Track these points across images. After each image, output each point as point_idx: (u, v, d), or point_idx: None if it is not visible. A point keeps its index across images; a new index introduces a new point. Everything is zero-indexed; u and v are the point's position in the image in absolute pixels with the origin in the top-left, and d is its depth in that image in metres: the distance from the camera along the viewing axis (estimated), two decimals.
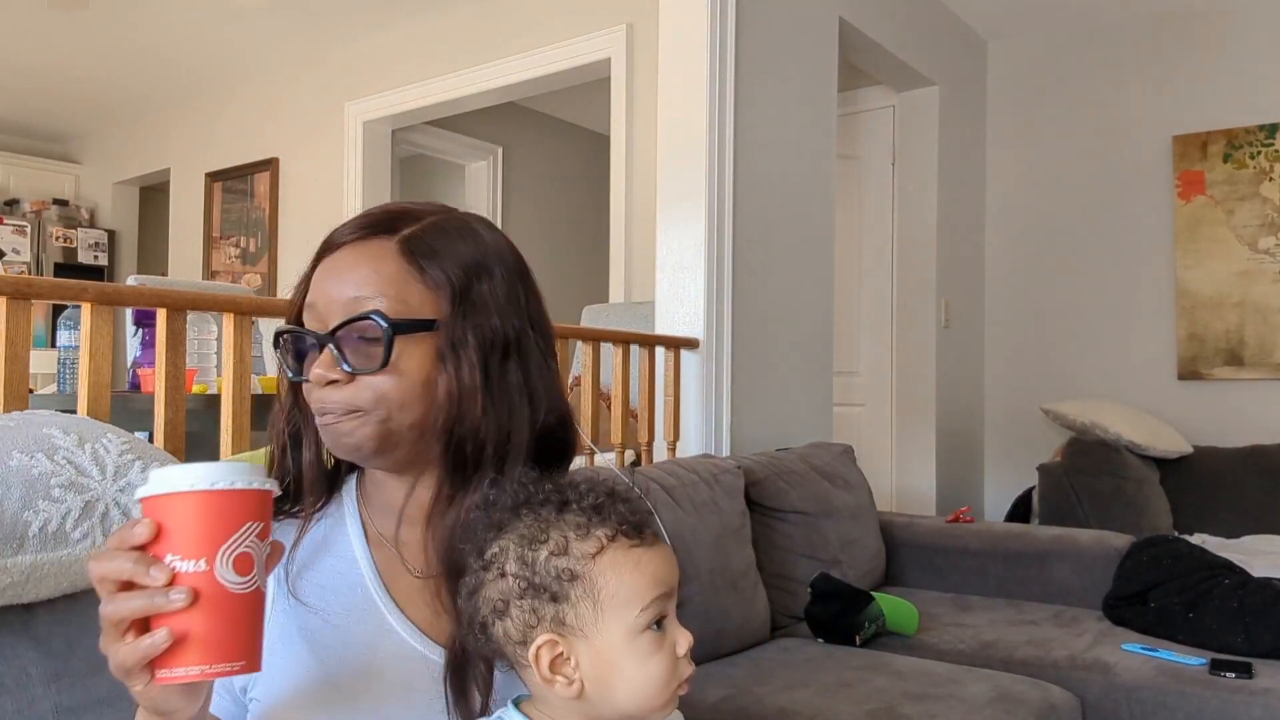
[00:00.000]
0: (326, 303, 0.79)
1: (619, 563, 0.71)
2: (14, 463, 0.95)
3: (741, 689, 1.73)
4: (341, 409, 0.78)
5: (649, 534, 0.73)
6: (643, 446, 2.56)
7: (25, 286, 1.33)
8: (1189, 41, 3.91)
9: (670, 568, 0.74)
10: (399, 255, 0.78)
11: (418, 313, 0.77)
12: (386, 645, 0.79)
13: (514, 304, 0.81)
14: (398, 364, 0.77)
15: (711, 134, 2.67)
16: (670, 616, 0.74)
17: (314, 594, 0.81)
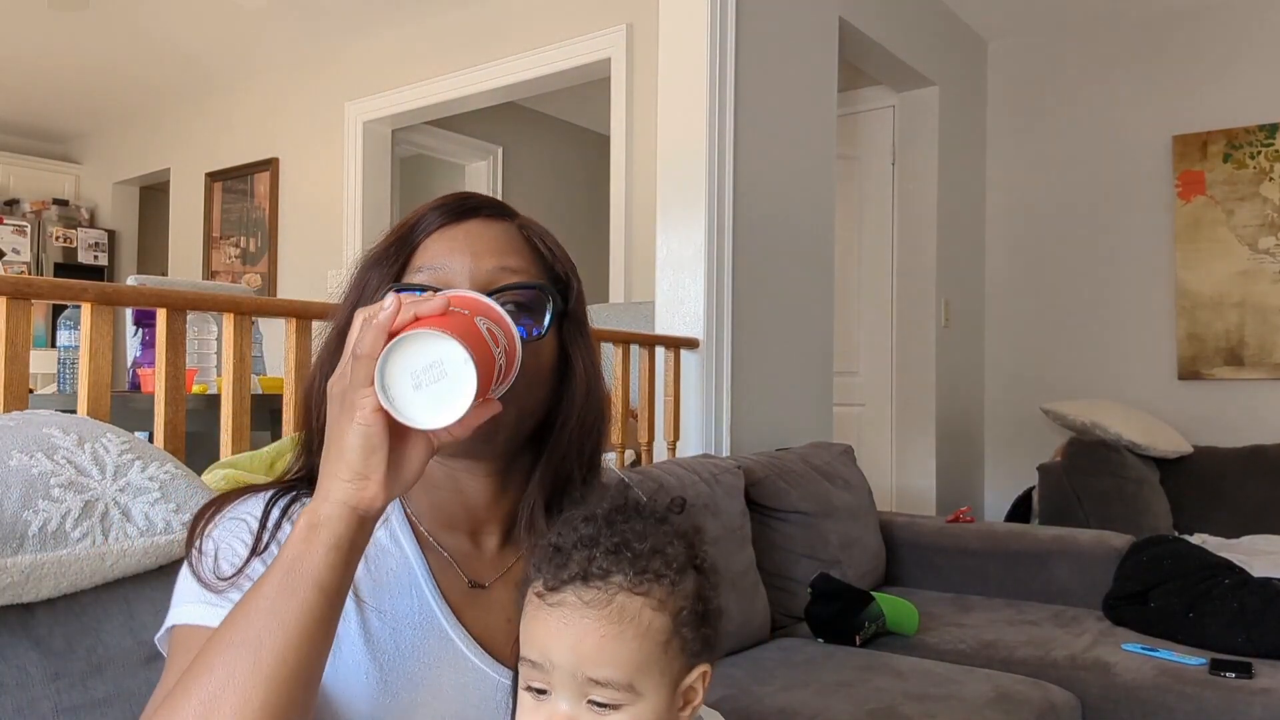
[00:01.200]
0: (463, 267, 0.77)
1: (527, 599, 0.66)
2: (14, 462, 0.95)
3: (741, 689, 1.73)
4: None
5: (607, 601, 0.62)
6: (643, 446, 2.56)
7: (25, 286, 1.33)
8: (1189, 41, 3.91)
9: (558, 642, 0.62)
10: (525, 239, 0.81)
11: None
12: (444, 655, 0.75)
13: (578, 289, 0.84)
14: (541, 341, 0.77)
15: (711, 134, 2.67)
16: (555, 693, 0.63)
17: (368, 590, 0.76)
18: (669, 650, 0.64)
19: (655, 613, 0.63)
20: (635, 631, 0.62)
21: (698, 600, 0.66)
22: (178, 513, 1.05)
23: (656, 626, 0.63)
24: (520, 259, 0.79)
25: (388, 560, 0.78)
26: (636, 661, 0.62)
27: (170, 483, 1.06)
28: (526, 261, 0.80)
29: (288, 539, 0.64)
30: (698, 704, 0.67)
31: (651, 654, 0.63)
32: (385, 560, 0.78)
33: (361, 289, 0.78)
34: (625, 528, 0.65)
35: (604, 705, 0.62)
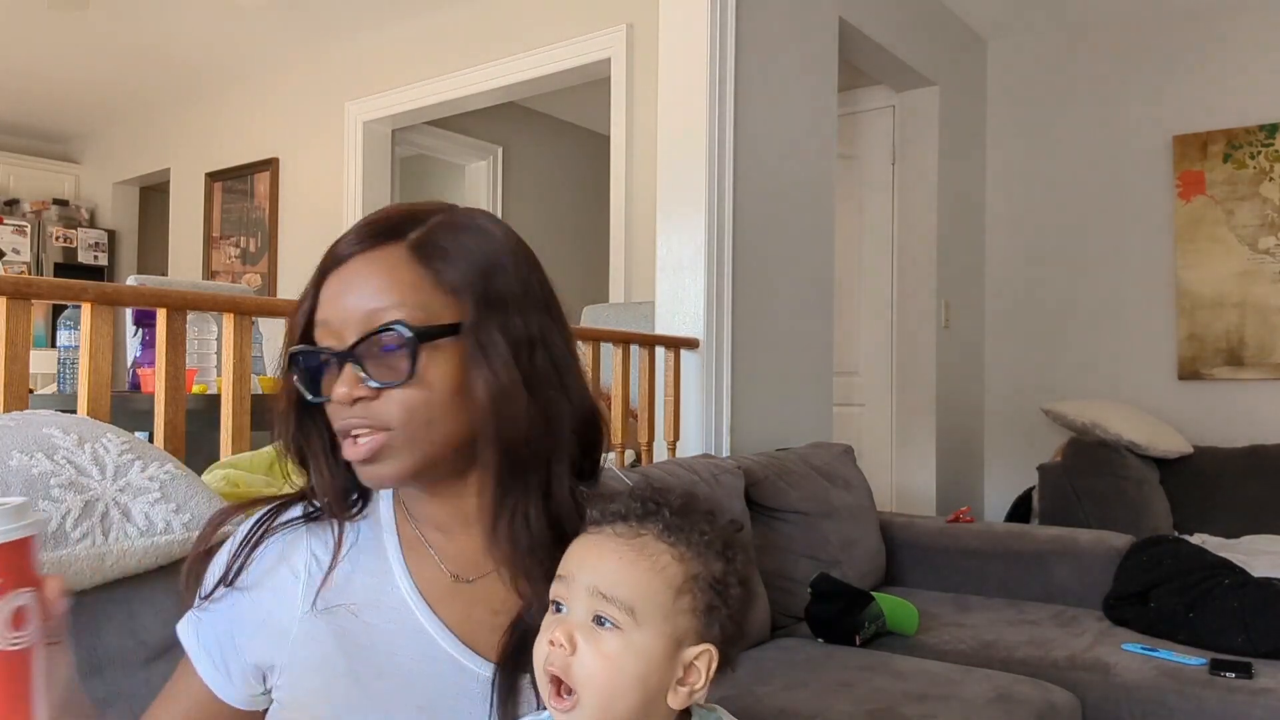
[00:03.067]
0: (342, 317, 0.75)
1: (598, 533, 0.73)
2: (14, 462, 0.95)
3: (741, 689, 1.73)
4: (372, 425, 0.74)
5: (634, 537, 0.71)
6: (643, 446, 2.56)
7: (25, 286, 1.33)
8: (1189, 41, 3.91)
9: (584, 560, 0.71)
10: (411, 260, 0.75)
11: (439, 318, 0.75)
12: (419, 649, 0.78)
13: (530, 295, 0.79)
14: (424, 375, 0.74)
15: (711, 134, 2.67)
16: (570, 610, 0.70)
17: (345, 592, 0.80)
18: (678, 600, 0.69)
19: (674, 561, 0.70)
20: (650, 565, 0.69)
21: (719, 580, 0.71)
22: (178, 513, 1.05)
23: (672, 570, 0.69)
24: (394, 293, 0.74)
25: (364, 558, 0.81)
26: (644, 590, 0.68)
27: (170, 483, 1.06)
28: (407, 291, 0.74)
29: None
30: (698, 687, 0.70)
31: (660, 591, 0.69)
32: (361, 558, 0.81)
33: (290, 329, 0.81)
34: (675, 504, 0.73)
35: (606, 624, 0.68)
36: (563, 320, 0.82)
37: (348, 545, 0.81)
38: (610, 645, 0.67)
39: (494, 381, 0.74)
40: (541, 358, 0.78)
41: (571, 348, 0.82)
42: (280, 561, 0.80)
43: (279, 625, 0.79)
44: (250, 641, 0.79)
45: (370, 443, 0.74)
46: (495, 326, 0.75)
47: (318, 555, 0.80)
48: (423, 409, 0.74)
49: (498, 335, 0.75)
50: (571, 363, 0.81)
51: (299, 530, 0.82)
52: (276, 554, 0.81)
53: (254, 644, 0.79)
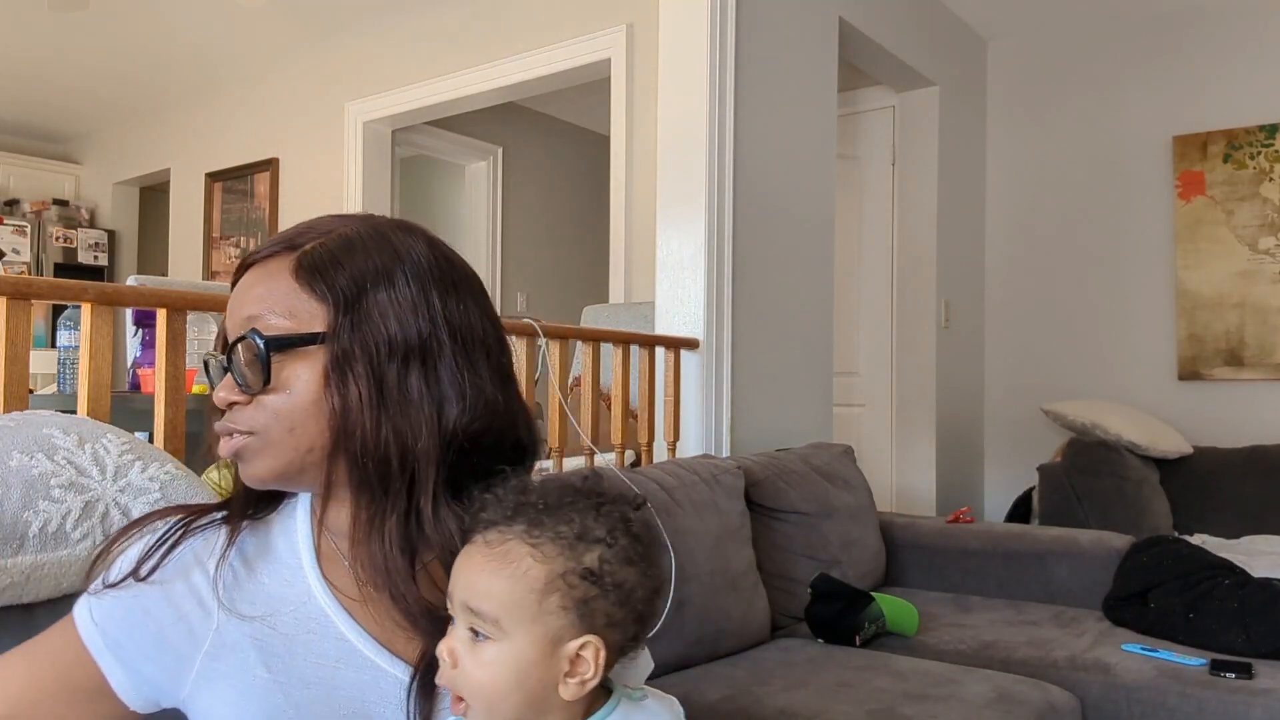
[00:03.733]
0: (230, 325, 0.79)
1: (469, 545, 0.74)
2: (14, 463, 0.95)
3: (741, 689, 1.73)
4: (238, 429, 0.77)
5: (499, 543, 0.71)
6: (643, 447, 2.56)
7: (25, 287, 1.33)
8: (1189, 41, 3.91)
9: (457, 575, 0.72)
10: (292, 270, 0.77)
11: (306, 327, 0.76)
12: (341, 655, 0.78)
13: (421, 309, 0.77)
14: (288, 382, 0.76)
15: (711, 134, 2.67)
16: (455, 622, 0.72)
17: (262, 602, 0.79)
18: (545, 600, 0.70)
19: (536, 562, 0.70)
20: (511, 572, 0.70)
21: (592, 571, 0.71)
22: None
23: (533, 574, 0.70)
24: (268, 301, 0.76)
25: (280, 568, 0.81)
26: (506, 599, 0.70)
27: (170, 483, 1.06)
28: (279, 300, 0.76)
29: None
30: (589, 677, 0.71)
31: (522, 597, 0.70)
32: (278, 568, 0.81)
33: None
34: (546, 496, 0.74)
35: (480, 636, 0.70)
36: (471, 335, 0.80)
37: (265, 555, 0.81)
38: (486, 655, 0.70)
39: (342, 395, 0.75)
40: (415, 375, 0.76)
41: (477, 364, 0.79)
42: (195, 564, 0.80)
43: (191, 628, 0.77)
44: (161, 637, 0.77)
45: (234, 443, 0.78)
46: (358, 338, 0.75)
47: (234, 564, 0.80)
48: (285, 415, 0.76)
49: (358, 347, 0.75)
50: (465, 378, 0.78)
51: (217, 534, 0.81)
52: (193, 556, 0.80)
53: (166, 641, 0.77)
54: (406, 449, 0.75)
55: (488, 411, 0.79)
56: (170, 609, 0.78)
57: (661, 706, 0.77)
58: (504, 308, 5.23)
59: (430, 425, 0.76)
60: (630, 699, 0.75)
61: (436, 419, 0.76)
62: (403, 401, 0.76)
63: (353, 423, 0.75)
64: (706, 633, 1.90)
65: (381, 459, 0.75)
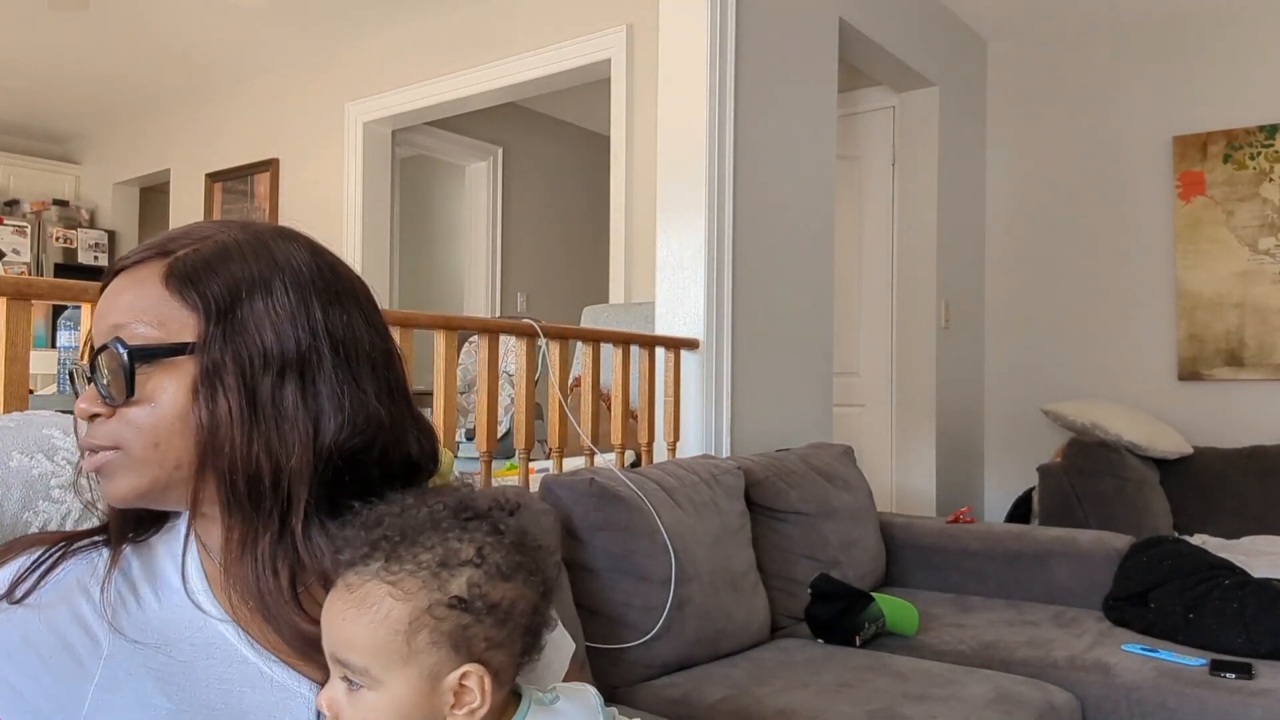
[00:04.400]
0: (96, 333, 0.75)
1: (331, 591, 0.70)
2: (14, 463, 0.95)
3: (741, 689, 1.73)
4: (100, 444, 0.73)
5: (358, 586, 0.67)
6: (643, 447, 2.56)
7: (25, 287, 1.33)
8: (1189, 41, 3.91)
9: (324, 625, 0.68)
10: (163, 277, 0.73)
11: (175, 337, 0.72)
12: (244, 678, 0.73)
13: (300, 320, 0.74)
14: (153, 395, 0.71)
15: (711, 135, 2.67)
16: (331, 672, 0.69)
17: (154, 629, 0.74)
18: (413, 640, 0.66)
19: (397, 602, 0.66)
20: (371, 618, 0.66)
21: (461, 598, 0.67)
22: None
23: (395, 615, 0.66)
24: (135, 310, 0.72)
25: (169, 593, 0.76)
26: (370, 646, 0.66)
27: None
28: (147, 309, 0.72)
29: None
30: (477, 706, 0.68)
31: (387, 641, 0.66)
32: (167, 593, 0.76)
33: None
34: (399, 520, 0.69)
35: (355, 685, 0.67)
36: (355, 346, 0.76)
37: (151, 579, 0.77)
38: (364, 703, 0.67)
39: (211, 410, 0.71)
40: (290, 388, 0.72)
41: (361, 376, 0.76)
42: (79, 590, 0.74)
43: (78, 658, 0.71)
44: (45, 664, 0.70)
45: (97, 459, 0.73)
46: (230, 349, 0.72)
47: (120, 590, 0.75)
48: (149, 430, 0.72)
49: (229, 359, 0.72)
50: (346, 392, 0.74)
51: (100, 557, 0.77)
52: (74, 580, 0.75)
53: (49, 668, 0.70)
54: (279, 467, 0.71)
55: (370, 427, 0.75)
56: (52, 636, 0.71)
57: (574, 705, 0.74)
58: (504, 308, 5.23)
59: (305, 442, 0.72)
60: (540, 702, 0.73)
61: (312, 435, 0.72)
62: (277, 417, 0.72)
63: (221, 439, 0.71)
64: (706, 633, 1.90)
65: (252, 477, 0.71)
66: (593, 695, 0.76)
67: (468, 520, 0.70)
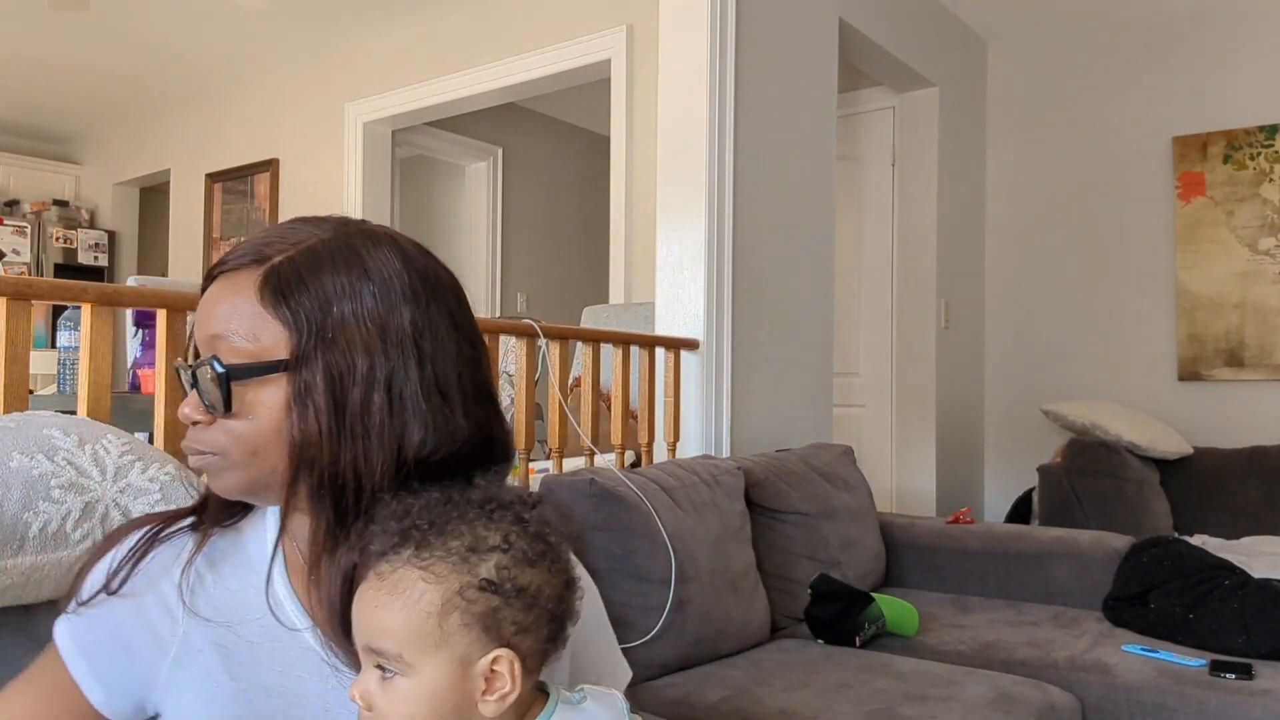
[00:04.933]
0: (198, 339, 0.78)
1: (362, 583, 0.71)
2: (14, 463, 0.95)
3: (741, 690, 1.73)
4: (202, 450, 0.77)
5: (390, 574, 0.68)
6: (643, 447, 2.56)
7: (25, 287, 1.33)
8: (1189, 41, 3.91)
9: (355, 617, 0.70)
10: (258, 289, 0.75)
11: (268, 353, 0.74)
12: (306, 667, 0.77)
13: (390, 332, 0.75)
14: (251, 408, 0.75)
15: (711, 135, 2.67)
16: (364, 665, 0.70)
17: (228, 609, 0.78)
18: (445, 623, 0.67)
19: (429, 585, 0.67)
20: (404, 603, 0.67)
21: (491, 581, 0.68)
22: None
23: (428, 598, 0.67)
24: (232, 322, 0.75)
25: (250, 575, 0.80)
26: (404, 633, 0.67)
27: (170, 484, 1.06)
28: (243, 322, 0.75)
29: None
30: (508, 691, 0.69)
31: (420, 625, 0.67)
32: (247, 575, 0.80)
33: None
34: (427, 511, 0.71)
35: (388, 673, 0.68)
36: (441, 358, 0.77)
37: (233, 562, 0.80)
38: (398, 691, 0.68)
39: (299, 427, 0.73)
40: (378, 405, 0.74)
41: (445, 387, 0.77)
42: (164, 574, 0.79)
43: (158, 636, 0.77)
44: (131, 649, 0.77)
45: (200, 461, 0.77)
46: (321, 366, 0.74)
47: (200, 570, 0.79)
48: (247, 440, 0.75)
49: (320, 377, 0.73)
50: (429, 404, 0.76)
51: (186, 541, 0.81)
52: (160, 565, 0.79)
53: (135, 652, 0.77)
54: (362, 483, 0.74)
55: (453, 439, 0.76)
56: (139, 620, 0.77)
57: (601, 707, 0.74)
58: (504, 308, 5.23)
59: (390, 457, 0.74)
60: (568, 701, 0.73)
61: (396, 451, 0.74)
62: (363, 434, 0.74)
63: (312, 451, 0.73)
64: (706, 633, 1.90)
65: (340, 487, 0.74)
66: (619, 699, 0.76)
67: (493, 511, 0.72)
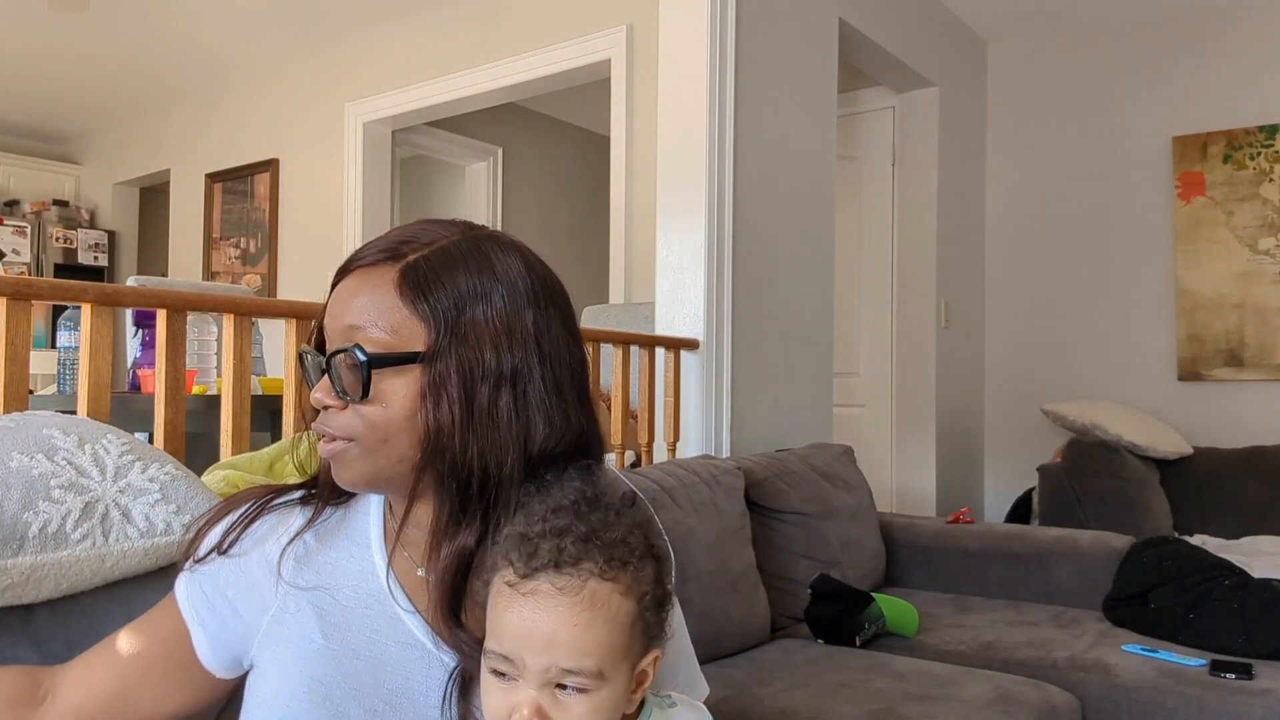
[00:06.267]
0: (332, 328, 0.82)
1: (496, 589, 0.70)
2: (14, 463, 0.95)
3: (741, 690, 1.73)
4: (335, 434, 0.80)
5: (579, 586, 0.66)
6: (643, 447, 2.56)
7: (25, 287, 1.33)
8: (1189, 41, 3.91)
9: (531, 637, 0.66)
10: (396, 284, 0.79)
11: (406, 344, 0.78)
12: (393, 634, 0.81)
13: (516, 333, 0.79)
14: (385, 396, 0.78)
15: (711, 135, 2.67)
16: (523, 681, 0.66)
17: (327, 573, 0.83)
18: (633, 634, 0.68)
19: (623, 598, 0.67)
20: (605, 618, 0.66)
21: (657, 585, 0.70)
22: (178, 514, 1.05)
23: (624, 611, 0.67)
24: (371, 314, 0.79)
25: (350, 545, 0.85)
26: (607, 648, 0.66)
27: (170, 484, 1.06)
28: (382, 314, 0.78)
29: None
30: (646, 685, 0.71)
31: (620, 640, 0.66)
32: (347, 544, 0.85)
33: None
34: (592, 517, 0.70)
35: (570, 690, 0.65)
36: (560, 358, 0.81)
37: (337, 532, 0.86)
38: (580, 708, 0.65)
39: (434, 416, 0.77)
40: (505, 397, 0.78)
41: (564, 386, 0.81)
42: (270, 535, 0.85)
43: (261, 594, 0.83)
44: (234, 605, 0.83)
45: (333, 447, 0.81)
46: (455, 360, 0.77)
47: (305, 537, 0.85)
48: (380, 427, 0.79)
49: (454, 370, 0.77)
50: (551, 402, 0.79)
51: (294, 510, 0.87)
52: (268, 528, 0.86)
53: (238, 608, 0.83)
54: (489, 473, 0.77)
55: (571, 434, 0.80)
56: (244, 578, 0.83)
57: (693, 714, 0.76)
58: None
59: (516, 449, 0.78)
60: (660, 706, 0.74)
61: (522, 444, 0.78)
62: (491, 426, 0.77)
63: (444, 442, 0.77)
64: (706, 633, 1.90)
65: (465, 480, 0.77)
66: (706, 714, 0.78)
67: (618, 511, 0.72)
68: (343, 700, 0.78)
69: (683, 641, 0.93)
